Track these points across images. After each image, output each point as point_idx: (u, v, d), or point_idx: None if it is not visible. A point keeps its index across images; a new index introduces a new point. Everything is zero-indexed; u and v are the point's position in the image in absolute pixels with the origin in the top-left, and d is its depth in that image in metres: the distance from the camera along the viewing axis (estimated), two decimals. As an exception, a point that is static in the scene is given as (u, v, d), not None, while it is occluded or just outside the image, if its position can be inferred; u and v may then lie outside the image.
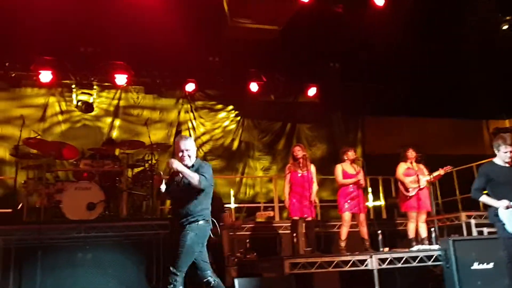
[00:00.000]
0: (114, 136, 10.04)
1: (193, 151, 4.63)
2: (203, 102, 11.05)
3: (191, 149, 4.60)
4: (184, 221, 4.40)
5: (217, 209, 6.65)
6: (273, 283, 5.84)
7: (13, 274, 6.42)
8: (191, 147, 4.60)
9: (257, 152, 11.15)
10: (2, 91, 9.69)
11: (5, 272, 6.32)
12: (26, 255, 6.42)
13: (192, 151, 4.60)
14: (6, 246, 6.37)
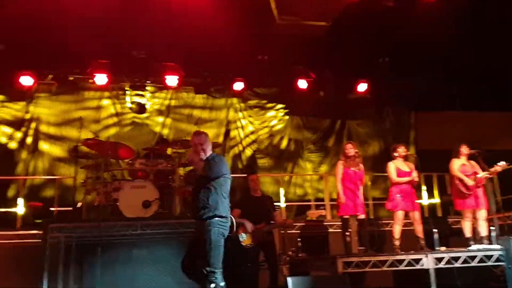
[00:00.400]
0: (166, 135, 10.28)
1: (207, 145, 4.76)
2: (251, 100, 11.13)
3: (205, 143, 4.73)
4: (202, 215, 4.48)
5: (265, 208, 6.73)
6: (326, 282, 5.79)
7: (74, 270, 6.69)
8: (205, 142, 4.74)
9: (306, 150, 11.10)
10: (62, 95, 10.15)
11: (66, 268, 6.58)
12: (86, 251, 6.66)
13: (206, 145, 4.73)
14: (67, 243, 6.65)
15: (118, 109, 10.49)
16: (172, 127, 10.62)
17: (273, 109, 11.22)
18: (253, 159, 10.79)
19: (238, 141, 10.93)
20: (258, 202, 6.75)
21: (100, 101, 10.42)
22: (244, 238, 6.43)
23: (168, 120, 10.68)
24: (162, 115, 10.68)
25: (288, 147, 11.07)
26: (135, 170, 7.91)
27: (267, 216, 6.63)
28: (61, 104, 10.22)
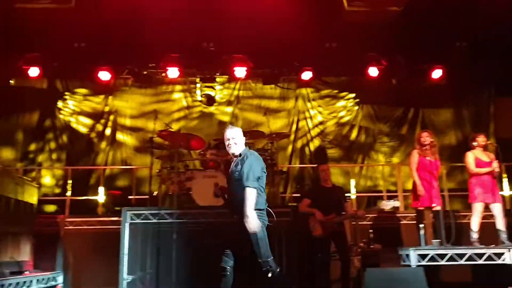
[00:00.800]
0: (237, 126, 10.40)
1: (240, 140, 4.61)
2: (320, 89, 10.99)
3: (237, 137, 4.59)
4: (241, 211, 4.40)
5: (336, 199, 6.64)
6: (401, 275, 5.64)
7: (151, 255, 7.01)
8: (237, 136, 4.60)
9: (377, 140, 10.81)
10: (137, 88, 10.60)
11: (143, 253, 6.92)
12: (162, 237, 6.96)
13: (238, 139, 4.59)
14: (145, 230, 6.97)
15: (189, 101, 10.80)
16: (241, 118, 10.76)
17: (343, 98, 11.02)
18: (322, 150, 10.68)
19: (306, 131, 10.86)
20: (329, 192, 6.68)
21: (172, 93, 10.80)
22: (315, 228, 6.41)
23: (237, 111, 10.83)
24: (231, 106, 10.84)
25: (358, 137, 10.83)
26: (207, 160, 8.10)
27: (338, 207, 6.56)
28: (137, 97, 10.71)
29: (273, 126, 9.15)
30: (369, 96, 10.87)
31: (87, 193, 9.44)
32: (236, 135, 4.60)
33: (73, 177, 9.19)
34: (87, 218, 7.42)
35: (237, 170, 4.50)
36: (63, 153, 10.38)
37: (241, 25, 8.69)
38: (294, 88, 10.92)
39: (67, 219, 7.37)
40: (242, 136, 4.65)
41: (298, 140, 10.78)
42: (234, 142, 4.57)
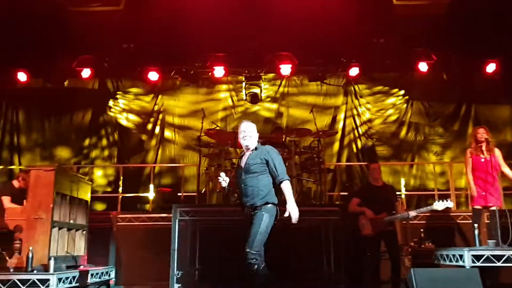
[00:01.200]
0: (281, 124, 10.41)
1: (254, 133, 4.70)
2: (368, 86, 10.78)
3: (253, 131, 4.69)
4: (254, 203, 4.48)
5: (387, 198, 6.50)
6: (454, 276, 5.45)
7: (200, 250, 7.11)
8: (253, 130, 4.70)
9: (427, 137, 10.48)
10: (184, 88, 10.77)
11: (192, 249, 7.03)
12: (210, 233, 7.06)
13: (253, 133, 4.69)
14: (194, 225, 7.09)
15: (235, 100, 10.87)
16: (287, 116, 10.72)
17: (392, 94, 10.75)
18: (371, 148, 10.49)
19: (354, 129, 10.69)
20: (379, 191, 6.54)
21: (218, 92, 10.91)
22: (365, 227, 6.31)
23: (283, 108, 10.80)
24: (276, 104, 10.83)
25: (408, 135, 10.54)
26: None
27: (388, 206, 6.41)
28: (184, 97, 10.89)
29: (319, 123, 9.07)
30: (419, 92, 10.57)
31: (138, 190, 9.69)
32: (252, 129, 4.71)
33: (124, 175, 9.46)
34: (138, 214, 7.60)
35: (254, 163, 4.56)
36: (115, 151, 10.70)
37: (286, 22, 8.66)
38: (341, 85, 10.77)
39: (119, 215, 7.58)
40: (256, 132, 4.76)
41: (346, 137, 10.62)
42: (250, 135, 4.66)
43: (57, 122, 10.73)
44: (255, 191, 4.51)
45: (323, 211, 7.08)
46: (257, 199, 4.49)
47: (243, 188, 4.61)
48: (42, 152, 10.64)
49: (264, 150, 4.65)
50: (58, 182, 5.97)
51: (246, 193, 4.57)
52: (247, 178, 4.57)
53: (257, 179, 4.54)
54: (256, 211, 4.46)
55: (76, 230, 6.69)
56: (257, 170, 4.54)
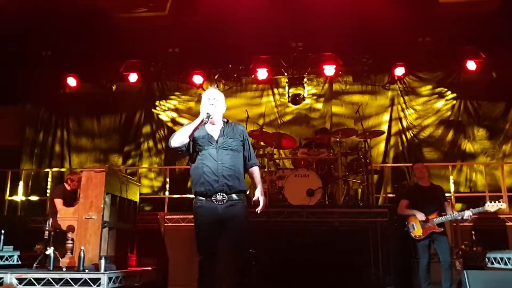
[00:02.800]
0: (327, 125, 10.33)
1: (222, 104, 4.12)
2: (414, 86, 10.53)
3: (221, 100, 4.10)
4: (234, 187, 3.81)
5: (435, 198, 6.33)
6: (509, 278, 5.24)
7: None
8: (220, 98, 4.11)
9: (477, 137, 10.15)
10: (229, 90, 10.85)
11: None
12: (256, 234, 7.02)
13: (220, 102, 4.08)
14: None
15: (278, 101, 10.86)
16: (331, 116, 10.62)
17: (439, 94, 10.46)
18: (418, 148, 10.25)
19: (400, 129, 10.45)
20: (427, 192, 6.38)
21: (262, 93, 10.91)
22: (414, 229, 6.17)
23: (327, 109, 10.69)
24: (321, 104, 10.75)
25: (456, 135, 10.23)
26: (298, 159, 8.10)
27: (438, 207, 6.25)
28: (228, 99, 10.87)
29: (365, 124, 8.92)
30: (467, 92, 10.24)
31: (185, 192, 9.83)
32: (221, 98, 4.14)
33: (171, 176, 9.61)
34: (185, 215, 7.71)
35: (234, 139, 3.99)
36: (161, 152, 10.89)
37: (330, 22, 8.61)
38: (386, 84, 10.57)
39: (166, 216, 7.71)
40: (224, 104, 4.20)
41: (392, 138, 10.42)
42: (217, 104, 4.04)
43: (106, 125, 11.04)
44: (236, 173, 3.85)
45: (370, 213, 6.98)
46: (237, 183, 3.84)
47: (217, 165, 3.82)
48: (91, 155, 10.97)
49: (238, 128, 4.12)
50: (108, 183, 6.12)
51: (222, 173, 3.79)
52: (226, 156, 3.87)
53: (238, 158, 3.94)
54: (236, 200, 3.82)
55: (126, 230, 6.84)
56: (237, 148, 3.95)
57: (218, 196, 3.78)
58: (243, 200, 3.86)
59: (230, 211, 3.78)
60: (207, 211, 3.79)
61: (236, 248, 3.78)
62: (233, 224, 3.77)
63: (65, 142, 11.04)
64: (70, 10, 8.47)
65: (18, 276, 5.37)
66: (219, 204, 3.77)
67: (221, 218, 3.77)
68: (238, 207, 3.81)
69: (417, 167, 6.62)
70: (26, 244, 7.18)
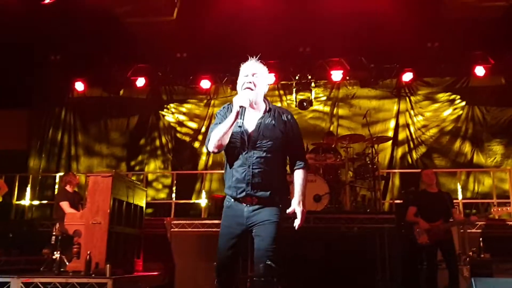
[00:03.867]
0: (334, 130, 10.31)
1: (263, 80, 3.27)
2: (422, 91, 10.49)
3: (261, 76, 3.25)
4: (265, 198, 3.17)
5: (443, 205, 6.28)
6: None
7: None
8: (260, 73, 3.26)
9: (486, 143, 10.07)
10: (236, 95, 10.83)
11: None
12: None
13: (261, 78, 3.25)
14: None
15: (285, 106, 10.83)
16: (339, 122, 10.60)
17: (447, 99, 10.41)
18: (426, 154, 10.18)
19: (408, 135, 10.41)
20: (435, 198, 6.35)
21: (269, 99, 10.87)
22: (421, 235, 6.12)
23: (334, 115, 10.68)
24: (328, 109, 10.73)
25: (465, 141, 10.16)
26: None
27: (445, 213, 6.21)
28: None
29: (372, 129, 8.89)
30: (476, 97, 10.20)
31: (191, 197, 9.84)
32: (261, 72, 3.29)
33: (178, 181, 9.62)
34: (191, 220, 7.70)
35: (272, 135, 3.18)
36: (168, 157, 10.91)
37: (337, 27, 8.61)
38: (394, 90, 10.53)
39: (173, 221, 7.70)
40: (267, 77, 3.35)
41: (399, 143, 10.37)
42: (258, 82, 3.24)
43: (113, 130, 11.09)
44: (269, 181, 3.19)
45: (378, 219, 6.95)
46: (269, 192, 3.19)
47: (245, 171, 3.20)
48: (99, 159, 11.02)
49: (282, 118, 3.27)
50: (115, 188, 6.14)
51: (250, 180, 3.18)
52: (258, 159, 3.18)
53: (274, 161, 3.20)
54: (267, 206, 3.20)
55: (132, 235, 6.85)
56: (274, 148, 3.19)
57: (247, 199, 3.19)
58: (277, 207, 3.21)
59: (258, 215, 3.19)
60: (232, 213, 3.26)
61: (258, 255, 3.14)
62: (260, 227, 3.17)
63: (72, 147, 11.10)
64: (78, 15, 8.51)
65: (25, 281, 5.38)
66: (247, 207, 3.20)
67: (247, 222, 3.20)
68: (269, 210, 3.18)
69: (426, 173, 6.58)
70: (33, 248, 7.20)
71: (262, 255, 3.10)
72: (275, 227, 3.16)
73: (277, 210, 3.20)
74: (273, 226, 3.15)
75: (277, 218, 3.18)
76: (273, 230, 3.15)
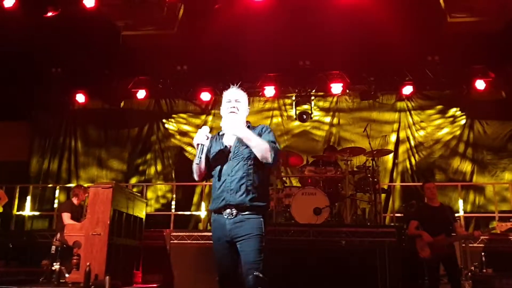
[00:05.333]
0: (333, 143, 10.31)
1: (244, 105, 3.54)
2: (422, 104, 10.53)
3: (242, 101, 3.53)
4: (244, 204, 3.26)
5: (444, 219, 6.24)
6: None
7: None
8: (242, 99, 3.54)
9: (487, 157, 10.07)
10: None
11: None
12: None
13: (243, 103, 3.52)
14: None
15: (285, 118, 10.87)
16: (339, 135, 10.60)
17: (448, 113, 10.44)
18: (426, 167, 10.17)
19: (408, 148, 10.41)
20: (437, 212, 6.29)
21: (269, 111, 10.94)
22: (422, 249, 6.08)
23: (334, 127, 10.69)
24: (328, 122, 10.75)
25: (465, 154, 10.16)
26: (305, 177, 8.06)
27: (447, 228, 6.16)
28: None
29: (373, 142, 8.90)
30: (476, 111, 10.22)
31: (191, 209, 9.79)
32: (243, 98, 3.57)
33: (177, 193, 9.60)
34: (190, 232, 7.67)
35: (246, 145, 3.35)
36: (168, 169, 10.91)
37: (337, 41, 8.64)
38: (394, 103, 10.56)
39: (172, 233, 7.67)
40: (246, 101, 3.60)
41: (400, 157, 10.36)
42: (240, 107, 3.51)
43: (113, 141, 11.10)
44: (248, 186, 3.31)
45: (378, 233, 6.90)
46: (248, 198, 3.29)
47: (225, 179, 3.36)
48: (99, 170, 11.01)
49: (257, 128, 3.51)
50: (115, 199, 6.14)
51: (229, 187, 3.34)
52: (237, 166, 3.36)
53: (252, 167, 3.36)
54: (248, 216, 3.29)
55: (131, 247, 6.82)
56: (252, 155, 3.35)
57: (227, 210, 3.30)
58: (257, 217, 3.30)
59: (239, 228, 3.26)
60: (216, 226, 3.37)
61: (245, 268, 3.20)
62: (243, 242, 3.24)
63: (72, 158, 11.11)
64: (80, 28, 8.57)
65: (23, 292, 5.36)
66: (228, 219, 3.29)
67: (230, 234, 3.28)
68: (251, 223, 3.26)
69: (428, 187, 6.50)
70: (33, 259, 7.17)
71: (250, 268, 3.19)
72: (258, 241, 3.25)
73: (259, 222, 3.30)
74: (256, 240, 3.25)
75: (259, 231, 3.28)
76: (256, 244, 3.24)
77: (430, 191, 6.42)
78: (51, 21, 8.39)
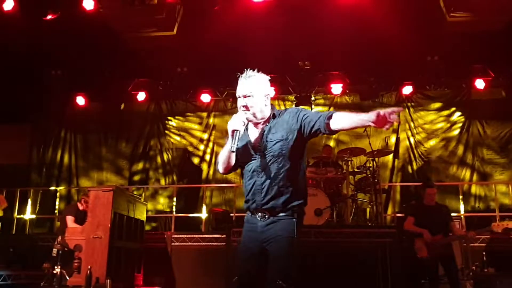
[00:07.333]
0: (334, 143, 10.30)
1: (259, 96, 3.10)
2: (422, 104, 10.53)
3: (255, 93, 3.11)
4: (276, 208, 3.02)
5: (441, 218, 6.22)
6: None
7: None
8: (254, 90, 3.11)
9: (487, 156, 10.06)
10: (235, 109, 10.87)
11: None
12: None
13: (256, 96, 3.10)
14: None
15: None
16: (339, 135, 10.57)
17: (447, 112, 10.43)
18: (426, 167, 10.16)
19: (408, 148, 10.40)
20: (433, 211, 6.21)
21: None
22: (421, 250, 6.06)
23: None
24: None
25: (465, 154, 10.15)
26: (306, 178, 8.03)
27: (443, 227, 6.10)
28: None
29: (373, 142, 8.89)
30: (476, 110, 10.22)
31: (191, 211, 9.80)
32: (255, 89, 3.14)
33: (178, 195, 9.60)
34: (191, 234, 7.68)
35: (275, 138, 3.04)
36: (168, 171, 10.91)
37: (337, 41, 8.66)
38: (394, 103, 10.54)
39: (173, 236, 7.67)
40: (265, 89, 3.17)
41: (400, 156, 10.33)
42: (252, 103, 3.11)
43: (113, 144, 11.12)
44: (280, 187, 3.03)
45: (379, 233, 6.89)
46: (282, 201, 3.03)
47: (255, 182, 3.09)
48: (99, 173, 11.02)
49: (284, 117, 3.12)
50: (116, 202, 6.14)
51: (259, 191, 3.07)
52: (267, 166, 3.04)
53: (284, 164, 3.04)
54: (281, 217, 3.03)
55: (133, 250, 6.82)
56: (282, 151, 3.03)
57: (259, 214, 3.07)
58: (290, 218, 3.03)
59: (270, 230, 3.02)
60: (248, 227, 3.13)
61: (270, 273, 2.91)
62: (272, 245, 2.97)
63: (73, 161, 11.12)
64: (79, 31, 8.59)
65: (24, 296, 5.37)
66: (261, 221, 3.05)
67: (261, 237, 3.03)
68: (281, 225, 3.00)
69: (429, 193, 6.32)
70: (34, 262, 7.17)
71: (274, 274, 2.90)
72: (287, 243, 2.95)
73: (291, 223, 3.01)
74: (285, 242, 2.96)
75: (290, 233, 2.98)
76: (285, 246, 2.94)
77: (430, 197, 6.30)
78: (51, 24, 8.41)
